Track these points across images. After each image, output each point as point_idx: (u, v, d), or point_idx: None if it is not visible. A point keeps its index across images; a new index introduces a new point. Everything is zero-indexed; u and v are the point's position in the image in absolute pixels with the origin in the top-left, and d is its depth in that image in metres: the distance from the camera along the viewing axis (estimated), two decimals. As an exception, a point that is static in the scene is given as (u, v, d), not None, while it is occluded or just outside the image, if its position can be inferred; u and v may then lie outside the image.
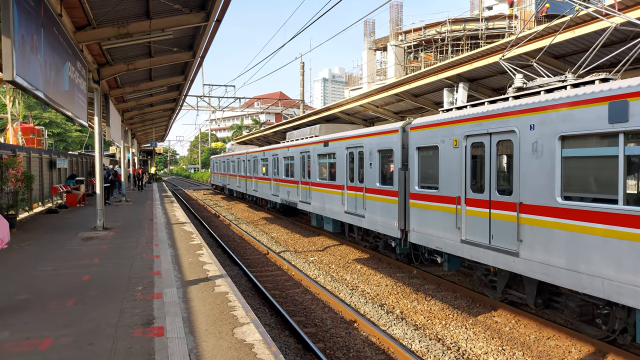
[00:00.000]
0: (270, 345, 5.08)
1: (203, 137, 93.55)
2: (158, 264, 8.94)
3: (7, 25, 5.65)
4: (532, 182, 7.34)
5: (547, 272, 7.05)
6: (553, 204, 6.94)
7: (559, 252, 6.85)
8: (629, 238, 5.86)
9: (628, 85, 5.97)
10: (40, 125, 39.30)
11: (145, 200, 24.34)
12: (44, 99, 7.61)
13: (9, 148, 15.19)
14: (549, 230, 7.01)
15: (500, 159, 8.28)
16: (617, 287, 6.00)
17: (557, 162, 6.90)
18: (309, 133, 18.25)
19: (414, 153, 10.52)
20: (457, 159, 9.06)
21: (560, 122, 6.85)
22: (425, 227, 10.17)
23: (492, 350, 7.30)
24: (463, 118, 8.95)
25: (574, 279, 6.60)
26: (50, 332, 5.36)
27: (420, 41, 42.14)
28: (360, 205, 13.10)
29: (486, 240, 8.33)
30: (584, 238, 6.46)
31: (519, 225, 7.56)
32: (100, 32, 10.93)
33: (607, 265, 6.15)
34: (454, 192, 9.17)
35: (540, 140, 7.20)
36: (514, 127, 7.70)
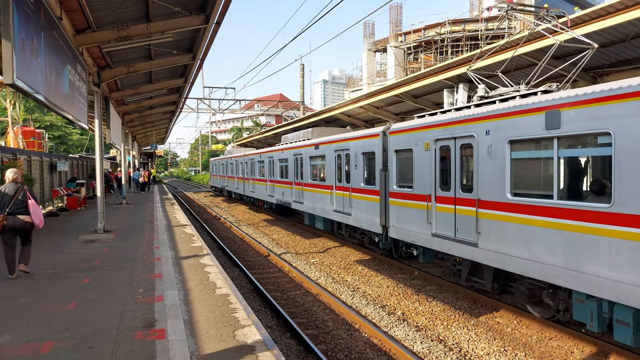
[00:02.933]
0: (272, 347, 5.07)
1: (203, 140, 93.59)
2: (159, 267, 8.94)
3: (7, 29, 5.65)
4: (487, 180, 8.27)
5: (501, 260, 8.01)
6: (504, 199, 7.91)
7: (509, 242, 7.79)
8: (561, 228, 6.82)
9: (560, 97, 6.92)
10: (40, 128, 39.35)
11: (146, 203, 24.35)
12: (44, 102, 7.62)
13: (10, 151, 15.21)
14: (501, 223, 7.97)
15: (463, 161, 9.13)
16: (553, 271, 6.96)
17: (507, 163, 7.87)
18: (302, 136, 19.00)
19: (392, 155, 11.49)
20: (429, 160, 9.98)
21: (509, 128, 7.80)
22: (402, 223, 11.13)
23: (494, 351, 7.28)
24: (433, 124, 9.86)
25: (522, 265, 7.56)
26: (51, 336, 5.35)
27: (420, 42, 42.16)
28: (347, 204, 13.93)
29: (452, 233, 9.25)
30: (528, 229, 7.41)
31: (477, 219, 8.52)
32: (100, 35, 10.95)
33: (545, 252, 7.09)
34: (426, 191, 10.08)
35: (494, 144, 8.15)
36: (473, 132, 8.63)
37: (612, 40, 9.63)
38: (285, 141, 21.31)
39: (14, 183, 7.96)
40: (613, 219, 6.10)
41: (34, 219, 7.85)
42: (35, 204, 7.94)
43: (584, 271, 6.47)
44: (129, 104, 21.84)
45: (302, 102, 36.93)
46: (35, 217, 7.85)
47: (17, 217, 7.83)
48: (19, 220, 7.86)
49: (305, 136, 18.68)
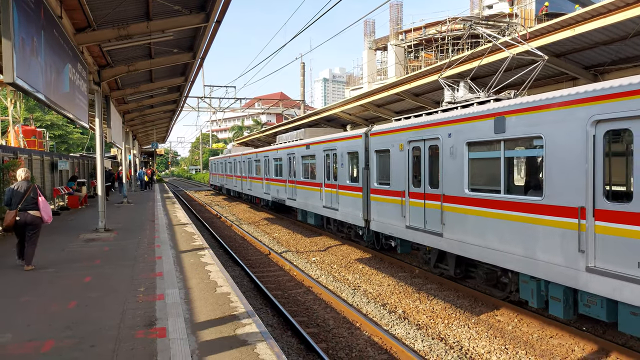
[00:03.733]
0: (273, 345, 5.07)
1: (204, 138, 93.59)
2: (160, 265, 8.95)
3: (7, 28, 5.65)
4: (450, 177, 9.35)
5: (461, 247, 9.11)
6: (463, 194, 9.00)
7: (468, 231, 8.87)
8: (507, 218, 7.86)
9: (505, 105, 7.93)
10: (41, 127, 39.36)
11: (147, 202, 24.36)
12: (44, 101, 7.62)
13: (11, 150, 15.22)
14: (461, 215, 9.08)
15: (431, 160, 10.14)
16: (503, 256, 7.99)
17: (465, 162, 8.93)
18: (295, 137, 19.92)
19: (373, 155, 12.53)
20: (403, 160, 11.00)
21: (467, 131, 8.82)
22: (381, 217, 12.20)
23: (495, 349, 7.29)
24: (407, 127, 10.85)
25: (478, 252, 8.61)
26: (53, 334, 5.36)
27: (420, 40, 42.08)
28: (335, 200, 14.97)
29: (423, 225, 10.34)
30: (483, 220, 8.46)
31: (442, 212, 9.61)
32: (101, 33, 10.94)
33: (496, 240, 8.12)
34: (401, 187, 11.14)
35: (454, 145, 9.18)
36: (439, 135, 9.67)
37: (613, 38, 9.68)
38: (280, 141, 22.15)
39: (26, 181, 8.62)
40: (544, 209, 7.17)
41: (43, 214, 8.48)
42: (44, 201, 8.60)
43: (526, 255, 7.53)
44: (129, 103, 21.84)
45: (303, 100, 36.91)
46: (44, 213, 8.49)
47: (28, 212, 8.47)
48: (30, 216, 8.50)
49: (298, 136, 19.56)
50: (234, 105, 39.89)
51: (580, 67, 11.32)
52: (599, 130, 6.33)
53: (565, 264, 6.78)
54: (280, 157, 20.93)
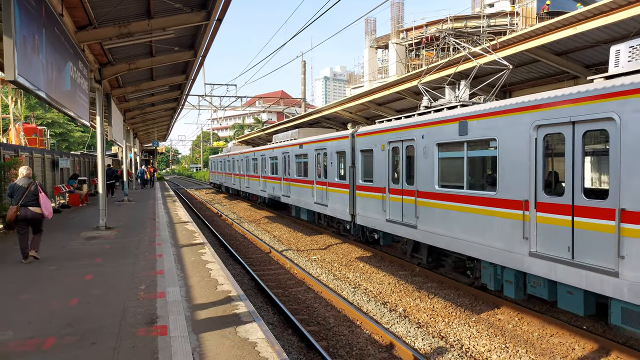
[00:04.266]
0: (274, 343, 5.08)
1: (205, 137, 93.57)
2: (161, 263, 8.96)
3: (8, 26, 5.64)
4: (423, 175, 10.34)
5: (433, 238, 10.09)
6: (433, 190, 10.00)
7: (438, 223, 9.85)
8: (469, 211, 8.89)
9: (467, 111, 8.91)
10: (42, 125, 39.35)
11: (148, 200, 24.38)
12: (45, 99, 7.62)
13: (12, 148, 15.23)
14: (432, 209, 10.08)
15: (408, 159, 11.05)
16: (466, 245, 8.98)
17: (436, 161, 9.92)
18: (290, 136, 20.82)
19: (359, 154, 13.50)
20: (384, 159, 11.94)
21: (437, 134, 9.79)
22: (365, 211, 13.17)
23: (496, 348, 7.29)
24: (388, 129, 11.77)
25: (447, 241, 9.60)
26: (54, 331, 5.38)
27: (421, 39, 42.02)
28: (325, 196, 15.96)
29: (400, 218, 11.28)
30: (450, 212, 9.45)
31: (416, 206, 10.58)
32: (102, 31, 10.93)
33: (461, 231, 9.10)
34: (382, 184, 12.09)
35: (427, 146, 10.14)
36: (414, 136, 10.61)
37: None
38: (276, 140, 23.14)
39: (27, 178, 8.82)
40: (498, 203, 8.17)
41: (43, 210, 8.67)
42: (45, 197, 8.79)
43: (484, 244, 8.50)
44: (130, 101, 21.83)
45: (304, 98, 36.88)
46: (45, 208, 8.67)
47: (28, 208, 8.66)
48: (30, 212, 8.70)
49: (292, 136, 20.44)
50: (235, 104, 39.84)
51: (581, 66, 11.30)
52: (539, 133, 7.38)
53: (513, 250, 7.82)
54: (276, 156, 21.81)
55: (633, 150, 5.92)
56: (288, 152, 19.93)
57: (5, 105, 30.14)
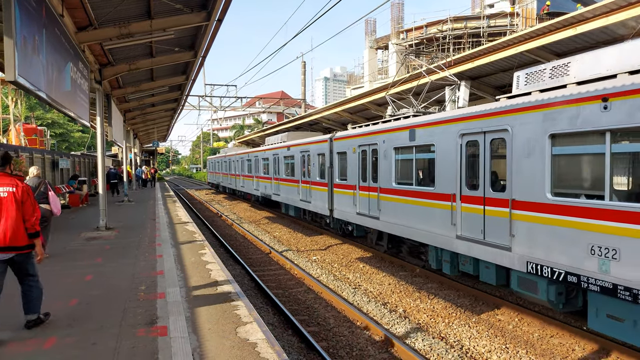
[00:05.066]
0: (274, 344, 5.08)
1: (205, 137, 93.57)
2: (161, 264, 8.96)
3: (9, 26, 5.65)
4: (384, 174, 11.94)
5: (391, 227, 11.68)
6: (392, 187, 11.59)
7: (394, 215, 11.46)
8: (417, 204, 10.55)
9: (415, 121, 10.61)
10: (42, 125, 39.34)
11: (148, 200, 24.38)
12: (46, 100, 7.62)
13: (12, 149, 15.24)
14: (390, 203, 11.66)
15: (373, 160, 12.56)
16: (416, 232, 10.59)
17: (393, 162, 11.51)
18: (280, 139, 22.40)
19: (335, 156, 15.13)
20: (355, 160, 13.58)
21: (394, 139, 11.40)
22: (341, 206, 14.78)
23: (496, 349, 7.29)
24: (358, 134, 13.42)
25: (402, 230, 11.19)
26: (54, 332, 5.38)
27: (421, 39, 42.02)
28: (309, 194, 17.54)
29: (367, 211, 12.89)
30: (404, 205, 11.07)
31: (379, 200, 12.19)
32: (102, 32, 10.93)
33: (412, 220, 10.72)
34: (354, 182, 13.70)
35: (387, 149, 11.74)
36: (377, 141, 12.19)
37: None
38: (268, 143, 24.79)
39: (37, 177, 8.98)
40: (436, 196, 9.85)
41: (52, 207, 8.81)
42: (54, 195, 8.95)
43: (429, 231, 10.09)
44: (130, 102, 21.83)
45: (304, 99, 36.87)
46: (54, 206, 8.83)
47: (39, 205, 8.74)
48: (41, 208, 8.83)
49: (282, 139, 22.10)
50: (235, 104, 39.85)
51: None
52: (463, 140, 8.96)
53: (446, 234, 9.46)
54: (267, 157, 23.51)
55: (519, 154, 7.60)
56: (278, 154, 21.54)
57: (5, 105, 30.14)
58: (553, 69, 7.59)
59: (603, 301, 6.49)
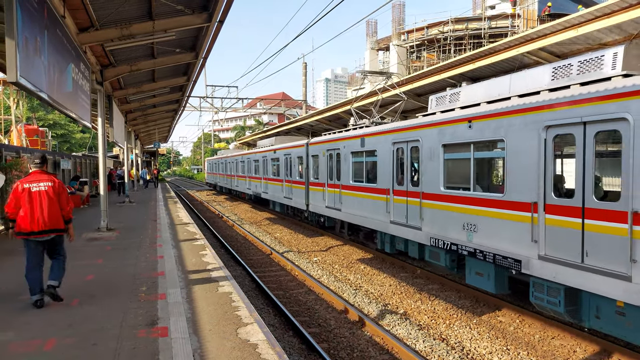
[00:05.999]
0: (274, 345, 5.08)
1: (206, 138, 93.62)
2: (162, 265, 8.96)
3: (10, 27, 5.65)
4: (344, 173, 14.26)
5: (349, 217, 13.95)
6: (350, 183, 13.88)
7: (352, 207, 13.76)
8: (367, 197, 12.65)
9: (364, 132, 12.85)
10: (44, 126, 39.43)
11: (149, 201, 24.39)
12: (47, 101, 7.63)
13: (13, 149, 15.26)
14: (349, 197, 13.94)
15: (337, 162, 14.84)
16: (370, 221, 12.58)
17: (350, 164, 13.81)
18: (269, 143, 24.49)
19: (310, 159, 17.46)
20: (324, 162, 15.90)
21: (351, 145, 13.69)
22: (315, 201, 17.10)
23: (497, 350, 7.28)
24: (326, 140, 15.85)
25: (359, 219, 13.29)
26: (55, 333, 5.38)
27: (422, 41, 42.02)
28: (290, 192, 19.79)
29: (334, 205, 15.17)
30: (359, 199, 13.21)
31: (340, 195, 14.52)
32: (103, 33, 10.95)
33: (366, 211, 12.77)
34: (324, 180, 16.02)
35: (346, 153, 14.06)
36: (339, 146, 14.52)
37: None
38: (260, 146, 27.14)
39: None
40: (377, 190, 12.05)
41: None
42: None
43: (375, 219, 12.26)
44: (131, 102, 21.86)
45: (305, 100, 36.87)
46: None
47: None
48: None
49: (270, 143, 24.16)
50: (236, 105, 39.80)
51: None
52: (395, 147, 11.23)
53: (384, 220, 11.72)
54: (258, 159, 25.94)
55: (426, 158, 9.92)
56: (266, 156, 24.07)
57: (7, 106, 30.19)
58: (451, 95, 9.65)
59: (471, 262, 8.84)
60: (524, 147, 7.33)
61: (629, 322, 6.01)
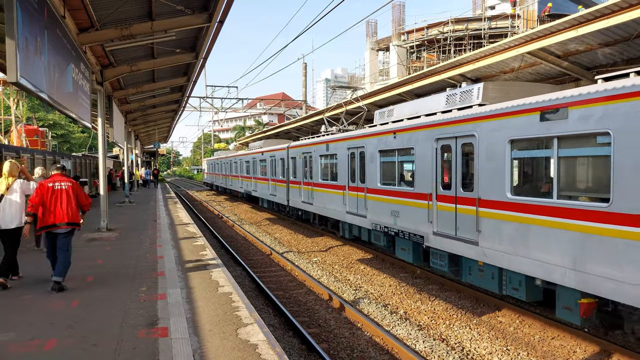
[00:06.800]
0: (275, 345, 5.08)
1: (206, 138, 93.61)
2: (162, 265, 8.96)
3: (11, 27, 5.65)
4: (315, 173, 16.68)
5: (319, 210, 16.55)
6: (318, 181, 16.31)
7: (321, 201, 16.23)
8: (331, 192, 15.12)
9: (328, 138, 15.46)
10: (44, 126, 39.39)
11: (149, 202, 24.39)
12: (47, 101, 7.63)
13: (13, 150, 15.25)
14: (319, 193, 16.41)
15: (310, 163, 17.25)
16: (334, 212, 15.01)
17: (319, 165, 16.30)
18: (258, 146, 27.55)
19: (290, 160, 19.96)
20: (301, 163, 18.29)
21: (319, 150, 16.26)
22: (293, 197, 19.63)
23: (497, 351, 7.28)
24: (302, 144, 18.36)
25: (327, 212, 15.78)
26: (55, 333, 5.38)
27: (422, 41, 42.03)
28: (275, 189, 22.51)
29: (307, 200, 17.69)
30: (326, 194, 15.73)
31: (312, 192, 17.08)
32: (104, 33, 10.94)
33: (330, 205, 15.31)
34: (300, 179, 18.48)
35: (316, 156, 16.64)
36: (311, 150, 17.09)
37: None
38: (251, 148, 30.28)
39: (42, 177, 9.82)
40: (338, 187, 14.61)
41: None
42: None
43: (336, 210, 14.81)
44: (131, 103, 21.85)
45: (305, 100, 36.86)
46: None
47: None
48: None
49: (259, 145, 27.19)
50: (236, 106, 39.76)
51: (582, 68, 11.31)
52: (349, 151, 13.57)
53: (342, 211, 14.34)
54: (249, 161, 28.52)
55: (369, 160, 12.45)
56: (255, 157, 26.68)
57: (7, 106, 30.18)
58: (388, 111, 12.26)
59: (398, 240, 11.39)
60: (425, 153, 9.99)
61: (481, 274, 8.63)
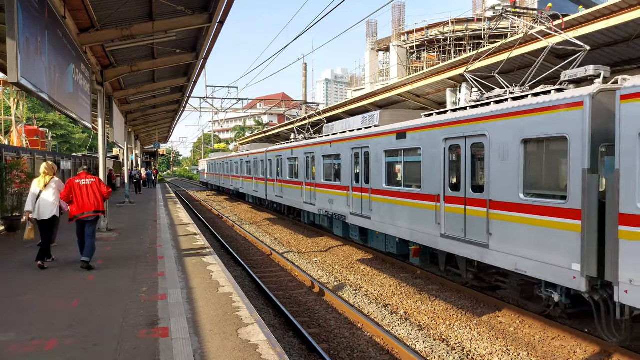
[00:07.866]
0: (275, 345, 5.08)
1: (206, 139, 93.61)
2: (162, 265, 8.96)
3: (11, 28, 5.66)
4: (284, 172, 20.12)
5: (287, 202, 19.86)
6: (287, 179, 19.87)
7: (289, 195, 19.52)
8: (293, 188, 19.22)
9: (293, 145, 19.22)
10: (44, 127, 39.40)
11: (149, 202, 24.39)
12: (48, 101, 7.63)
13: (13, 150, 15.25)
14: (287, 188, 19.63)
15: (281, 164, 20.43)
16: (294, 202, 18.87)
17: (287, 166, 19.90)
18: (247, 148, 31.17)
19: (267, 162, 23.15)
20: (275, 164, 21.55)
21: (287, 154, 19.86)
22: (270, 192, 22.91)
23: (497, 351, 7.28)
24: (276, 149, 21.65)
25: (290, 203, 19.51)
26: (55, 333, 5.38)
27: (422, 41, 42.04)
28: (257, 187, 25.85)
29: (280, 194, 21.00)
30: (290, 189, 19.46)
31: (282, 187, 20.33)
32: (104, 34, 10.95)
33: (293, 197, 19.10)
34: (274, 177, 21.88)
35: (284, 159, 20.13)
36: (282, 154, 20.20)
37: (615, 40, 9.73)
38: (241, 150, 34.08)
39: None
40: (298, 183, 18.23)
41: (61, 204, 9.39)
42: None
43: (299, 201, 18.10)
44: (132, 103, 21.86)
45: (305, 101, 36.86)
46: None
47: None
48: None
49: (247, 148, 30.86)
50: (236, 106, 39.73)
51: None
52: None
53: (301, 202, 17.61)
54: (237, 162, 32.16)
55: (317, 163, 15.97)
56: (242, 159, 30.38)
57: (7, 107, 30.19)
58: (331, 126, 16.11)
59: (336, 222, 15.05)
60: (346, 159, 13.82)
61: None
